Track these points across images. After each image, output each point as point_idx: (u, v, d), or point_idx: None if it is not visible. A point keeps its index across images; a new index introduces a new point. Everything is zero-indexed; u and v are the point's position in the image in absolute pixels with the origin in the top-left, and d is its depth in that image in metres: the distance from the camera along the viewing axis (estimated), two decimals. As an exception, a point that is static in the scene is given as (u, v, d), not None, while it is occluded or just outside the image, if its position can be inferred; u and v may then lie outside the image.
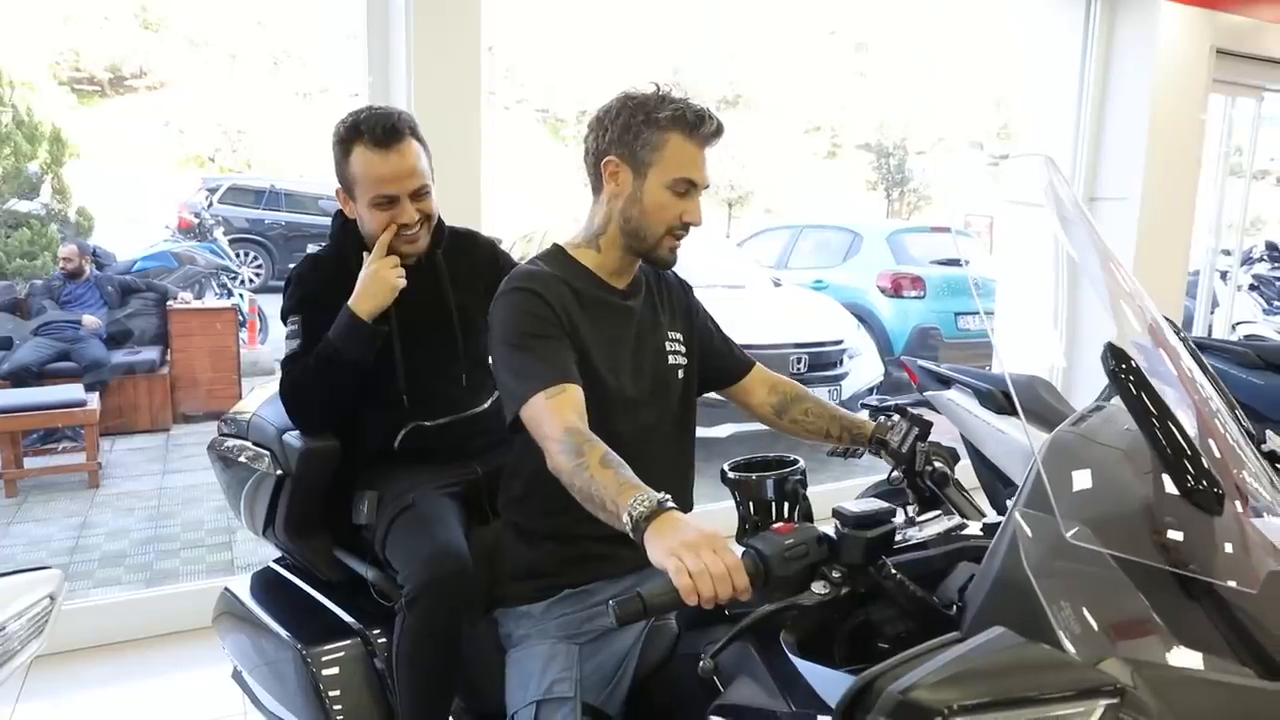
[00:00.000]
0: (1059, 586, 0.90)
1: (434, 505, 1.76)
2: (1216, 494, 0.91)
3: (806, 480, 1.23)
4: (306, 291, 1.86)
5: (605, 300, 1.53)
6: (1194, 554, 0.92)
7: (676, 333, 1.63)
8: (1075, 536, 0.91)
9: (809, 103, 19.88)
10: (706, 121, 1.46)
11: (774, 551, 1.08)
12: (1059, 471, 1.00)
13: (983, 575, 0.99)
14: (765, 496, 1.20)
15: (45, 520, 4.41)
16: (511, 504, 1.58)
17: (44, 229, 6.79)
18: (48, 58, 15.23)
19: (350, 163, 1.77)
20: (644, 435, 1.52)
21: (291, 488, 1.88)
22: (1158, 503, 0.95)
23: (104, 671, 2.76)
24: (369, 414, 1.88)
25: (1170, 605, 0.91)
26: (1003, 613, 0.92)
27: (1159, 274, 4.57)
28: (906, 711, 0.76)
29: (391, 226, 1.79)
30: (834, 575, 1.09)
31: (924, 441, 1.51)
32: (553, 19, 16.94)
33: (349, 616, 1.85)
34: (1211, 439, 1.02)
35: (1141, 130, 4.38)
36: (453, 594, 1.60)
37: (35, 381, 5.40)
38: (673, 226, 1.49)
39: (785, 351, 5.23)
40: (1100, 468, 1.01)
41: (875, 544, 1.09)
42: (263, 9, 16.67)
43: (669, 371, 1.59)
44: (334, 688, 1.74)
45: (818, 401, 1.74)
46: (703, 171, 1.48)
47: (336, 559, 1.93)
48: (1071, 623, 0.87)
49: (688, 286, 1.72)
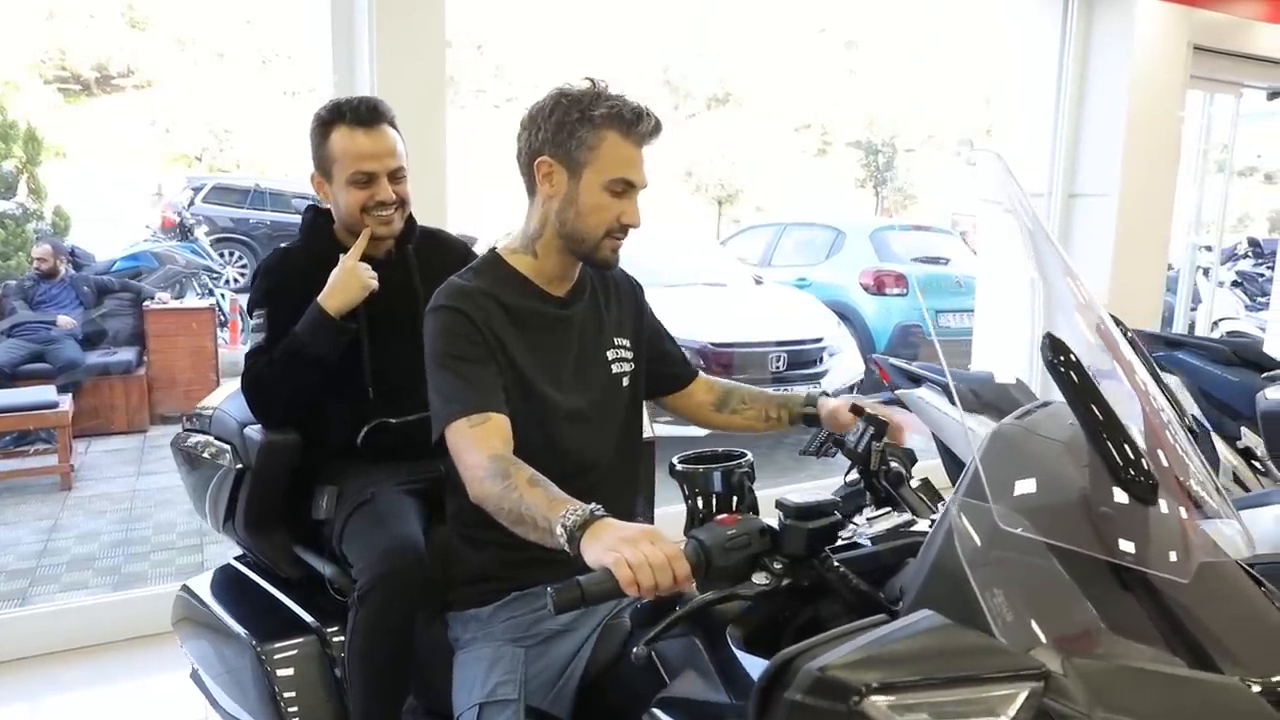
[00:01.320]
0: (992, 575, 0.89)
1: (392, 501, 1.74)
2: (1151, 485, 0.90)
3: (754, 473, 1.22)
4: (274, 284, 1.85)
5: (540, 312, 1.49)
6: (1128, 543, 0.91)
7: (623, 337, 1.60)
8: (1009, 524, 0.89)
9: (799, 100, 19.90)
10: (644, 119, 1.41)
11: (715, 541, 1.07)
12: (998, 463, 0.99)
13: (919, 564, 0.98)
14: (711, 489, 1.19)
15: (14, 524, 4.35)
16: (456, 515, 1.56)
17: (19, 229, 6.72)
18: (32, 56, 15.13)
19: (330, 143, 1.79)
20: (592, 447, 1.51)
21: (251, 481, 1.87)
22: (1094, 493, 0.93)
23: (67, 677, 2.72)
24: (333, 408, 1.86)
25: (1104, 595, 0.90)
26: (937, 600, 0.90)
27: (1138, 270, 4.57)
28: (823, 688, 0.75)
29: (367, 231, 1.79)
30: (775, 566, 1.08)
31: (879, 441, 1.50)
32: (542, 17, 16.92)
33: (306, 614, 1.84)
34: (1153, 433, 1.01)
35: (1119, 126, 4.39)
36: (405, 587, 1.59)
37: (8, 383, 5.34)
38: (611, 229, 1.44)
39: (765, 350, 5.22)
40: (1040, 460, 1.00)
41: (817, 536, 1.08)
42: (251, 7, 16.58)
43: (614, 380, 1.56)
44: (288, 685, 1.72)
45: (747, 390, 1.74)
46: (641, 171, 1.44)
47: (296, 555, 1.91)
48: (1003, 610, 0.86)
49: (637, 286, 1.69)
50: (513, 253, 1.52)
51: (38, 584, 3.69)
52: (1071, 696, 0.81)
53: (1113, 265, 4.47)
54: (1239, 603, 0.96)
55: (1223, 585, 0.97)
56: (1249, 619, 0.95)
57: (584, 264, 1.53)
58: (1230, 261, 9.65)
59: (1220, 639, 0.89)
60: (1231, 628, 0.91)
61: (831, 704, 0.74)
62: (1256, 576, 1.08)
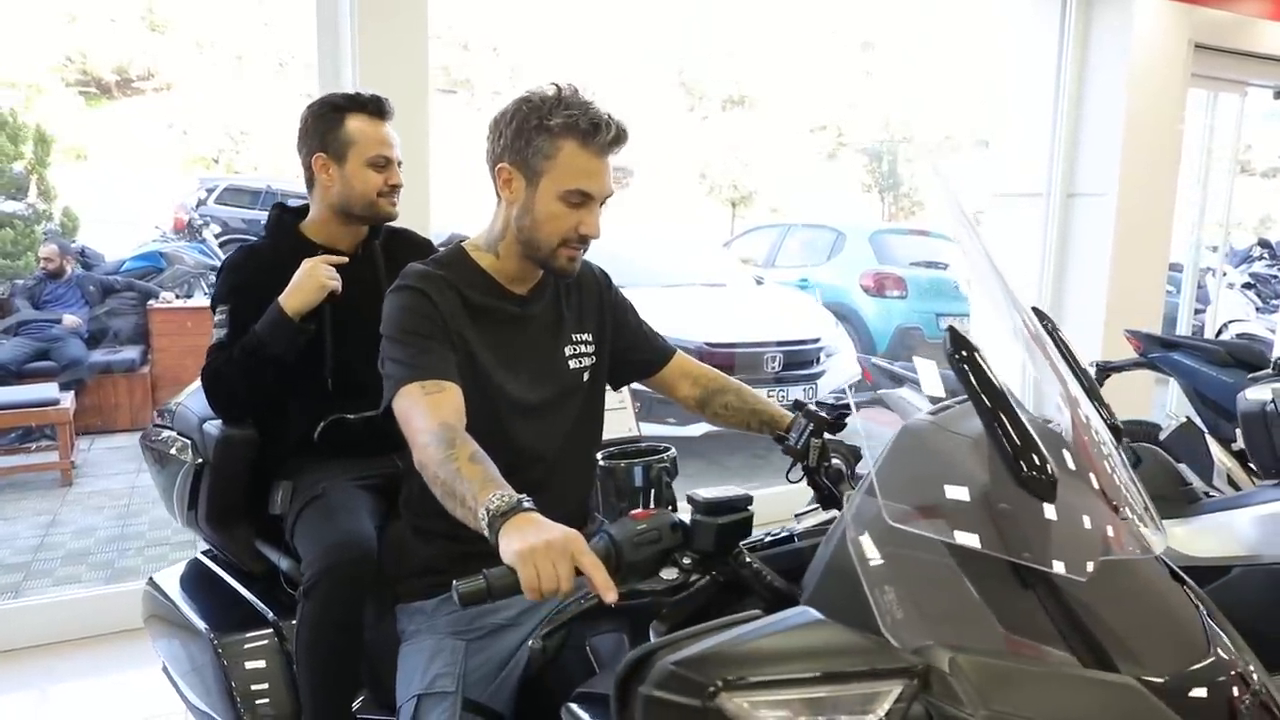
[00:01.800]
0: (883, 572, 0.88)
1: (344, 495, 1.75)
2: (1050, 482, 0.88)
3: (675, 469, 1.21)
4: (237, 281, 1.88)
5: (498, 309, 1.50)
6: (1026, 542, 0.89)
7: (584, 332, 1.60)
8: (900, 521, 0.88)
9: (814, 102, 19.81)
10: (603, 130, 1.38)
11: (625, 536, 1.07)
12: (901, 459, 0.98)
13: (817, 561, 0.97)
14: (630, 484, 1.18)
15: (13, 519, 4.41)
16: (408, 502, 1.57)
17: (28, 229, 6.81)
18: (54, 60, 15.33)
19: (345, 128, 1.88)
20: (544, 440, 1.51)
21: (210, 476, 1.89)
22: (994, 489, 0.92)
23: (58, 669, 2.76)
24: (293, 403, 1.88)
25: (1002, 594, 0.89)
26: (829, 597, 0.90)
27: (1138, 270, 4.52)
28: (676, 683, 0.74)
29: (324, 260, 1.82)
30: (685, 561, 1.07)
31: (819, 438, 1.48)
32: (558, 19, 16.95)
33: (266, 608, 1.85)
34: (1074, 433, 0.99)
35: (1118, 126, 4.34)
36: (352, 580, 1.60)
37: (15, 381, 5.41)
38: (567, 238, 1.43)
39: (762, 350, 5.20)
40: (945, 456, 0.99)
41: (728, 530, 1.07)
42: (269, 10, 16.73)
43: (572, 376, 1.56)
44: (244, 679, 1.74)
45: (739, 393, 1.71)
46: (601, 181, 1.41)
47: (257, 550, 1.93)
48: (893, 607, 0.85)
49: (602, 276, 1.69)
50: (477, 249, 1.53)
51: (32, 578, 3.73)
52: (956, 696, 0.79)
53: (1111, 265, 4.42)
54: (1146, 601, 0.95)
55: (1133, 584, 0.96)
56: (1154, 617, 0.93)
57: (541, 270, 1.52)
58: (1245, 264, 9.52)
59: (1121, 638, 0.88)
60: (1134, 627, 0.90)
61: (686, 699, 0.73)
62: (1182, 576, 1.07)
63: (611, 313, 1.66)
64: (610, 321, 1.66)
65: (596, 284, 1.67)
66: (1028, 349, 1.08)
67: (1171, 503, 2.43)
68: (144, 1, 17.18)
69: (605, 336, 1.63)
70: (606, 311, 1.65)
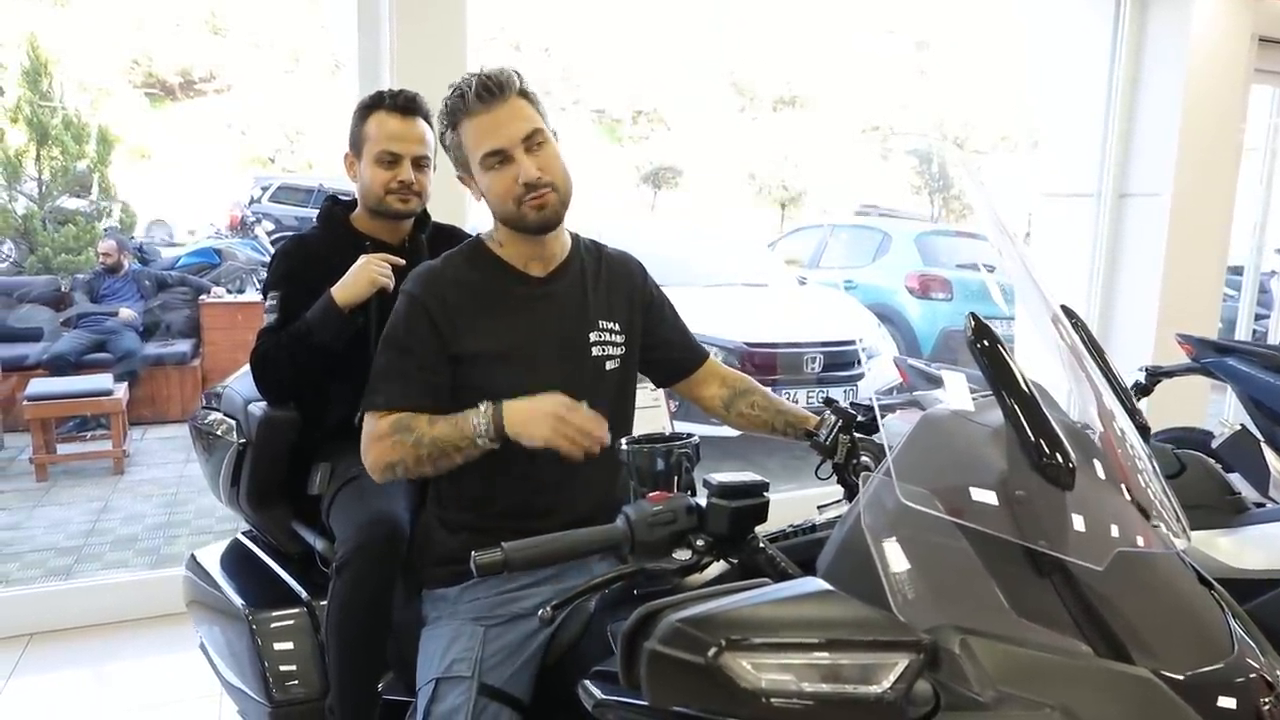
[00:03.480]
0: (898, 552, 0.86)
1: None
2: (1069, 470, 0.86)
3: (696, 455, 1.20)
4: (289, 269, 1.94)
5: (511, 293, 1.51)
6: (1042, 529, 0.87)
7: (611, 321, 1.57)
8: (914, 501, 0.87)
9: (866, 102, 19.61)
10: (467, 95, 1.42)
11: (641, 516, 1.07)
12: (921, 444, 0.96)
13: (831, 542, 0.96)
14: (652, 468, 1.18)
15: (69, 505, 4.55)
16: (436, 496, 1.59)
17: (89, 225, 7.03)
18: (122, 63, 15.84)
19: (366, 125, 1.92)
20: None
21: (252, 456, 1.95)
22: (1011, 476, 0.90)
23: (96, 650, 2.84)
24: (335, 388, 1.92)
25: (1016, 580, 0.87)
26: (841, 574, 0.88)
27: (1193, 273, 4.38)
28: (680, 640, 0.73)
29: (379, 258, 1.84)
30: (698, 544, 1.07)
31: (848, 434, 1.47)
32: (610, 20, 17.02)
33: (300, 587, 1.88)
34: (1101, 425, 0.97)
35: (1174, 123, 4.20)
36: (382, 559, 1.62)
37: (72, 371, 5.59)
38: (518, 195, 1.45)
39: (802, 350, 5.16)
40: (964, 443, 0.97)
41: (742, 515, 1.06)
42: (326, 13, 17.09)
43: (595, 364, 1.54)
44: (276, 656, 1.77)
45: (764, 395, 1.70)
46: (504, 132, 1.42)
47: (294, 530, 1.97)
48: (904, 586, 0.83)
49: (639, 269, 1.67)
50: (491, 237, 1.56)
51: (83, 561, 3.85)
52: (965, 676, 0.78)
53: (1165, 268, 4.28)
54: (1167, 598, 0.92)
55: (1154, 580, 0.93)
56: (1175, 614, 0.90)
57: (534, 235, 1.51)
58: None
59: (1139, 632, 0.85)
60: (1153, 622, 0.87)
61: (690, 655, 0.72)
62: (1208, 579, 1.03)
63: (644, 305, 1.64)
64: (641, 313, 1.63)
65: (629, 273, 1.64)
66: (1062, 352, 1.06)
67: (1216, 512, 2.33)
68: (207, 6, 17.67)
69: (635, 329, 1.61)
70: (638, 303, 1.63)
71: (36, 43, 6.96)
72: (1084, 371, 1.05)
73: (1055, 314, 1.10)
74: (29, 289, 6.34)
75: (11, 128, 6.97)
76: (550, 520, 1.50)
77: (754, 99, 20.14)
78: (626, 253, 1.67)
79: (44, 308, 6.13)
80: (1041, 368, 1.03)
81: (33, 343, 5.87)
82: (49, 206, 7.08)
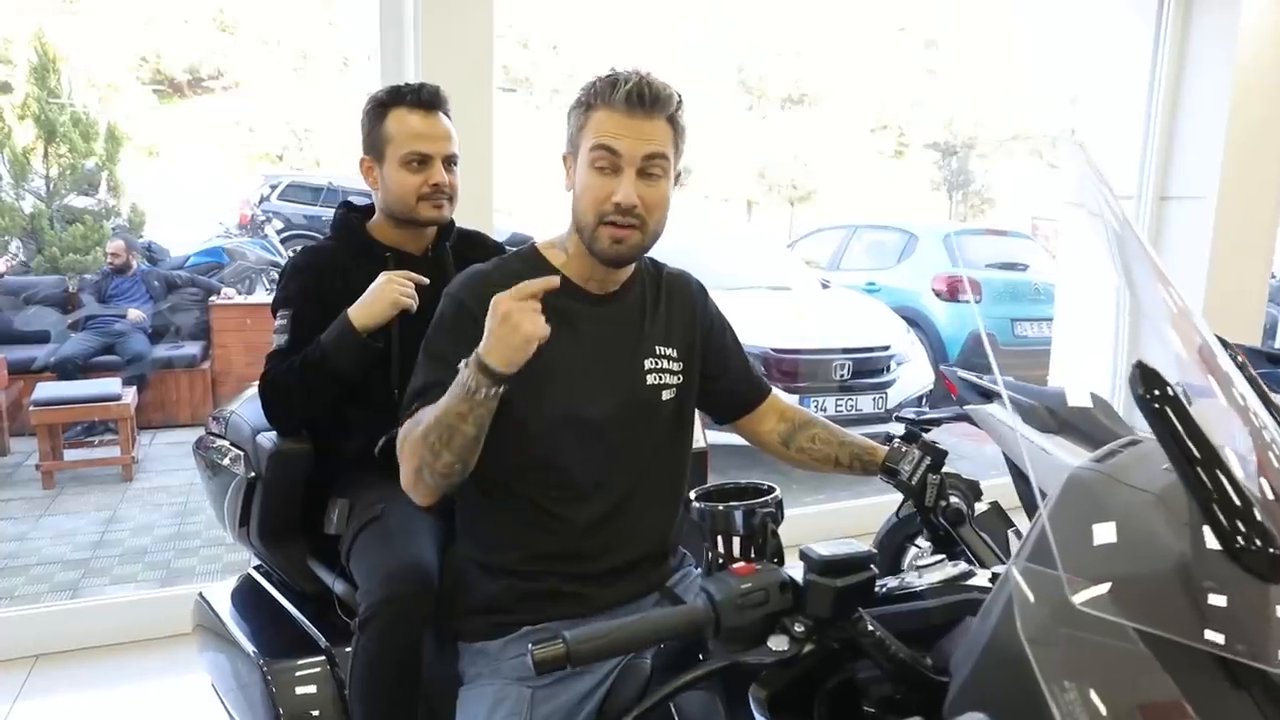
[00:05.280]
0: (1063, 662, 0.71)
1: (404, 517, 1.62)
2: (1271, 555, 0.71)
3: (781, 513, 1.05)
4: (301, 284, 1.76)
5: (562, 309, 1.35)
6: (1240, 630, 0.72)
7: (669, 347, 1.44)
8: (1087, 603, 0.72)
9: (876, 100, 19.50)
10: (626, 87, 1.27)
11: (728, 597, 0.91)
12: (1073, 518, 0.81)
13: (973, 641, 0.81)
14: (732, 531, 1.03)
15: (76, 513, 4.43)
16: (469, 530, 1.45)
17: (97, 225, 6.91)
18: (130, 60, 15.81)
19: (385, 124, 1.72)
20: (609, 466, 1.37)
21: (262, 491, 1.79)
22: (1197, 564, 0.75)
23: (106, 672, 2.71)
24: (354, 413, 1.76)
25: (1209, 693, 0.72)
26: (991, 690, 0.74)
27: (1236, 279, 4.21)
28: None
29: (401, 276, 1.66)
30: (796, 629, 0.91)
31: (936, 473, 1.31)
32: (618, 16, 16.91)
33: (318, 632, 1.74)
34: (1272, 488, 0.81)
35: (1220, 123, 4.03)
36: (411, 614, 1.47)
37: (80, 374, 5.47)
38: (604, 213, 1.29)
39: (830, 357, 5.00)
40: (1126, 516, 0.81)
41: (847, 594, 0.91)
42: (334, 10, 17.05)
43: (648, 393, 1.41)
44: (293, 707, 1.63)
45: (825, 426, 1.55)
46: (631, 140, 1.27)
47: (311, 569, 1.82)
48: (1076, 710, 0.68)
49: (700, 291, 1.54)
50: (550, 247, 1.42)
51: (90, 575, 3.72)
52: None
53: (1208, 273, 4.12)
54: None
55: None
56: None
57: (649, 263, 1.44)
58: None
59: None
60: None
61: None
62: None
63: (705, 331, 1.51)
64: (701, 340, 1.50)
65: (690, 296, 1.51)
66: (1210, 376, 0.90)
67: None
68: (215, 2, 17.63)
69: (694, 356, 1.48)
70: (699, 328, 1.49)
71: (44, 38, 6.83)
72: (1247, 421, 0.89)
73: (1206, 344, 0.94)
74: (36, 289, 6.23)
75: (19, 125, 6.86)
76: (600, 564, 1.38)
77: (762, 97, 20.01)
78: (687, 272, 1.53)
79: (50, 309, 6.01)
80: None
81: (40, 345, 5.75)
82: (57, 205, 6.96)
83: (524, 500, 1.35)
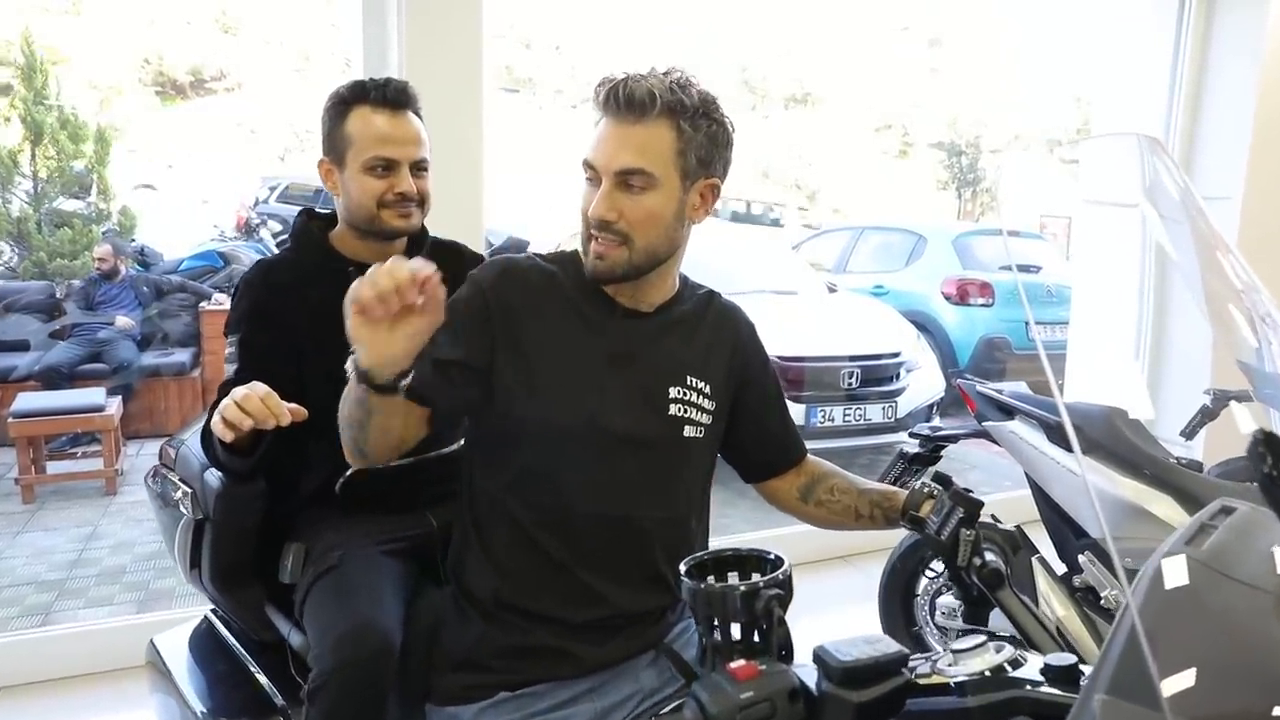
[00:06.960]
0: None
1: (364, 568, 1.45)
2: None
3: (790, 591, 0.87)
4: (251, 304, 1.57)
5: (588, 316, 1.25)
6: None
7: (703, 381, 1.30)
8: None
9: (879, 100, 19.38)
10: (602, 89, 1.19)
11: (724, 710, 0.73)
12: (1164, 629, 0.63)
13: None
14: (729, 617, 0.85)
15: (55, 530, 4.26)
16: (455, 566, 1.33)
17: (86, 229, 6.76)
18: (133, 62, 15.76)
19: (347, 123, 1.53)
20: (608, 492, 1.23)
21: (212, 534, 1.60)
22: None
23: (75, 705, 2.53)
24: (313, 446, 1.56)
25: None
26: None
27: (1264, 282, 4.02)
28: None
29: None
30: (809, 751, 0.73)
31: (970, 528, 1.14)
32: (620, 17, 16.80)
33: (274, 690, 1.56)
34: None
35: (1247, 120, 3.86)
36: (367, 682, 1.29)
37: (66, 384, 5.31)
38: (585, 229, 1.22)
39: (837, 365, 4.82)
40: (1243, 630, 0.63)
41: (873, 709, 0.73)
42: (336, 11, 17.01)
43: (670, 422, 1.27)
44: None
45: (843, 475, 1.40)
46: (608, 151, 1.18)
47: (267, 617, 1.64)
48: None
49: (748, 327, 1.40)
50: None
51: (64, 597, 3.55)
52: None
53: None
54: None
55: None
56: None
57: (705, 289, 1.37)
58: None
59: None
60: None
61: None
62: None
63: (744, 369, 1.36)
64: (738, 379, 1.35)
65: (736, 330, 1.37)
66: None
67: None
68: (217, 4, 17.57)
69: (727, 396, 1.34)
70: (736, 366, 1.35)
71: (30, 38, 6.68)
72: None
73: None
74: (23, 295, 6.07)
75: (5, 127, 6.72)
76: (593, 612, 1.23)
77: (765, 96, 19.86)
78: (739, 306, 1.40)
79: (32, 317, 5.84)
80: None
81: (20, 353, 5.58)
82: (45, 208, 6.81)
83: (507, 520, 1.24)
